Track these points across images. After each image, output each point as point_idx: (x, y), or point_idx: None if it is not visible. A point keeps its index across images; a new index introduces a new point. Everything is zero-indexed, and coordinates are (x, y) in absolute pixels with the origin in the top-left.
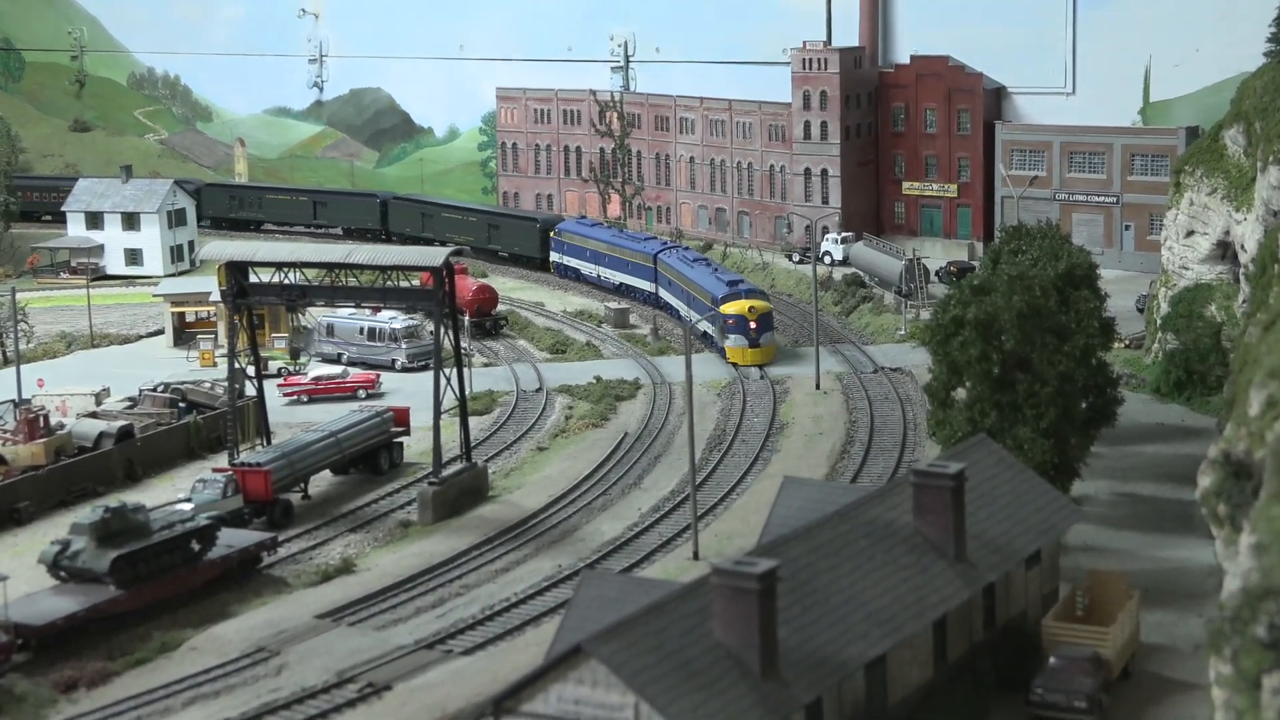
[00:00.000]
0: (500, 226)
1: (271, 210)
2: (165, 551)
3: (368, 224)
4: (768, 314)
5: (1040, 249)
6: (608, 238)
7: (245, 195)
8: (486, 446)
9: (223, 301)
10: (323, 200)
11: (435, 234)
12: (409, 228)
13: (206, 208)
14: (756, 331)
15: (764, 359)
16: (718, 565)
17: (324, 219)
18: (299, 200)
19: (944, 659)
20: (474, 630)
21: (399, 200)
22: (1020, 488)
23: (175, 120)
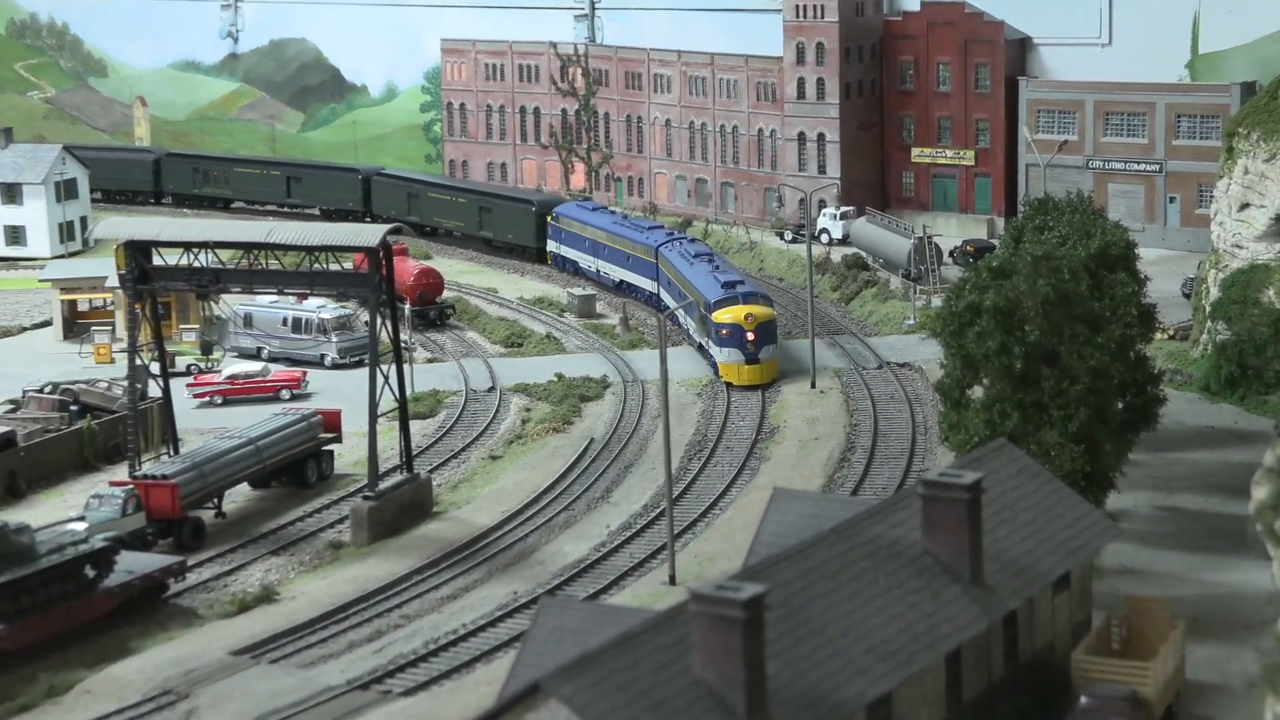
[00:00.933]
0: (492, 210)
1: (240, 186)
2: (54, 579)
3: (348, 204)
4: (769, 323)
5: (1070, 225)
6: (607, 225)
7: (210, 168)
8: (430, 455)
9: (122, 287)
10: (298, 175)
11: (422, 217)
12: (393, 209)
13: (167, 182)
14: (755, 344)
15: (764, 378)
16: (697, 591)
17: (299, 196)
18: (271, 175)
19: (958, 699)
20: (416, 668)
21: (383, 178)
22: (1046, 500)
23: (64, 75)
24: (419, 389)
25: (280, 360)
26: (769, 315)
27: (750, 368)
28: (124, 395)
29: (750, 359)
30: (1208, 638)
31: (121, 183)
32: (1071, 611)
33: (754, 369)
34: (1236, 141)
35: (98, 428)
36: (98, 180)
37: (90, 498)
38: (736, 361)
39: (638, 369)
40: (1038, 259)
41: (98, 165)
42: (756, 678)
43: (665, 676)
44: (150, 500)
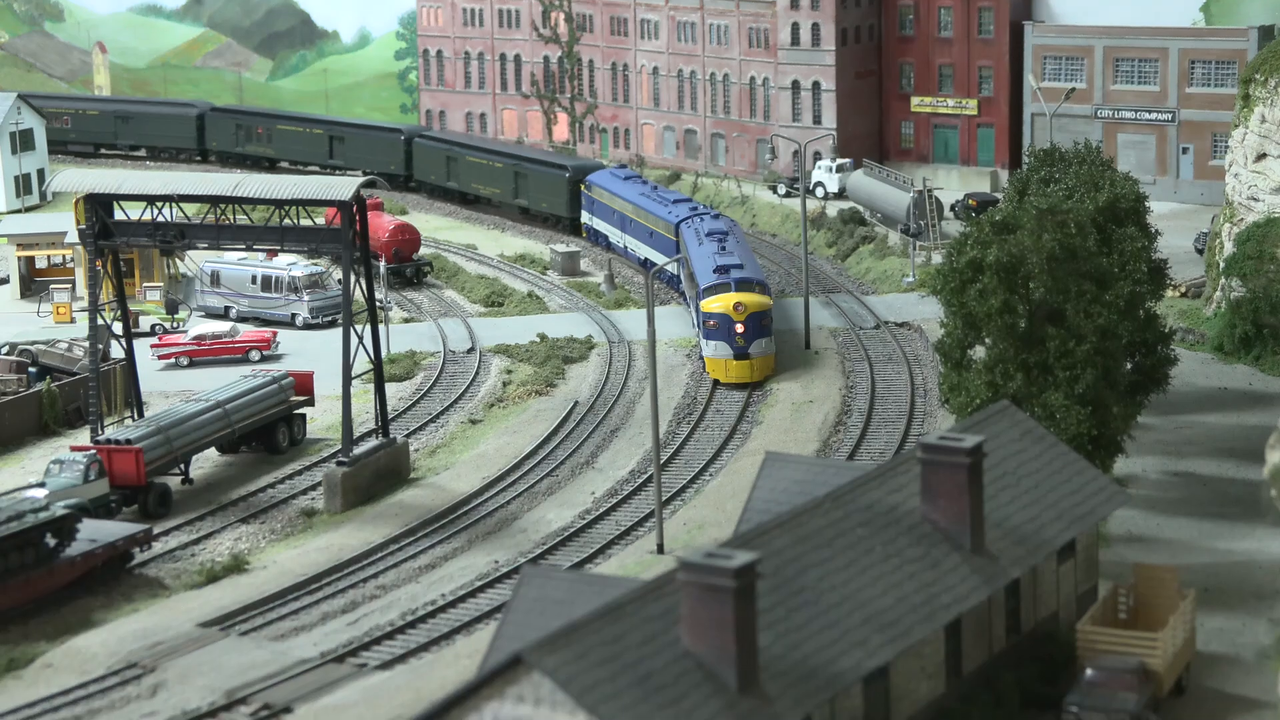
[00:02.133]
0: (527, 176)
1: (283, 145)
2: (12, 548)
3: (390, 166)
4: (763, 313)
5: (1077, 177)
6: (633, 197)
7: (253, 125)
8: (407, 419)
9: (81, 243)
10: (340, 135)
11: (460, 183)
12: (433, 174)
13: (211, 139)
14: (745, 336)
15: (754, 375)
16: (686, 559)
17: (341, 158)
18: (313, 134)
19: (958, 671)
20: (393, 640)
21: (425, 139)
22: (1051, 465)
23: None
24: (395, 350)
25: (249, 320)
26: (763, 305)
27: (738, 363)
28: (85, 356)
29: (739, 353)
30: (1219, 608)
31: (164, 139)
32: (1077, 581)
33: (742, 365)
34: (1253, 89)
35: (58, 390)
36: (139, 136)
37: (50, 463)
38: (724, 356)
39: (624, 329)
40: (1043, 213)
41: (140, 120)
42: (748, 650)
43: (653, 649)
44: (113, 466)
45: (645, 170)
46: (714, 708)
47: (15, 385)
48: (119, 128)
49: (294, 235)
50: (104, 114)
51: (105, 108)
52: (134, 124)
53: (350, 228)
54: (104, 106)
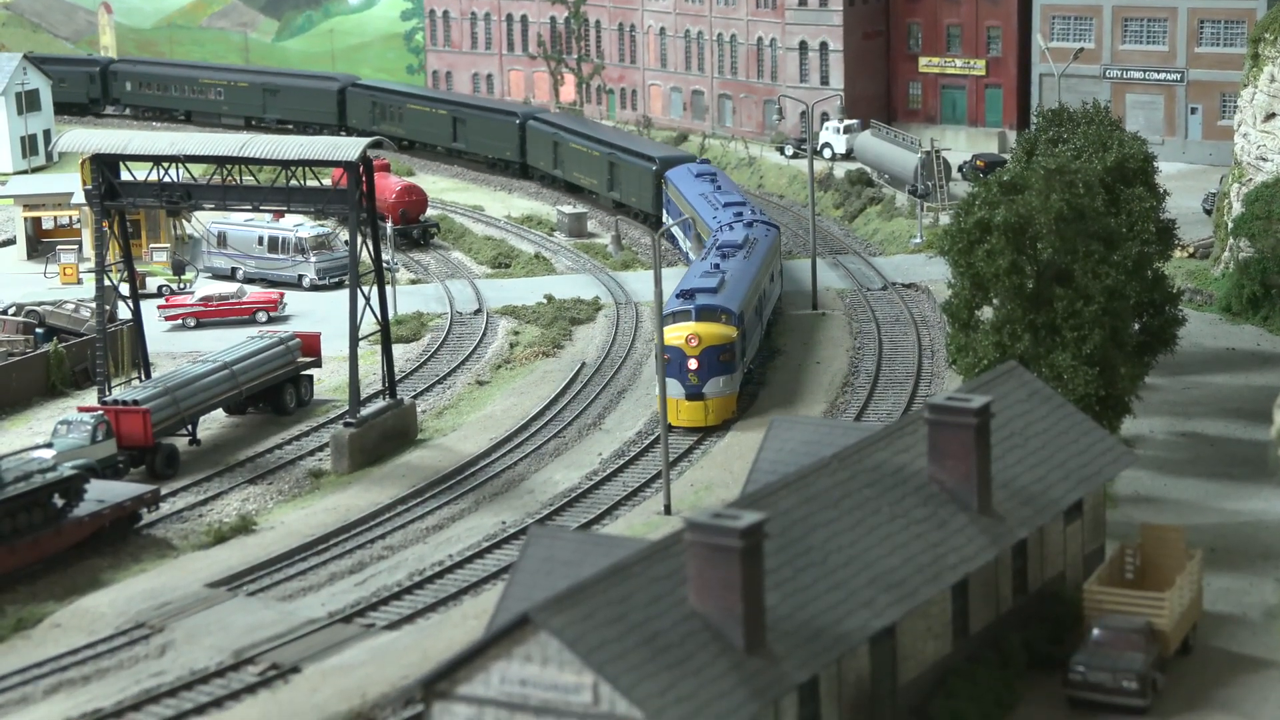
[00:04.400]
0: (619, 167)
1: (413, 125)
2: (21, 509)
3: (505, 152)
4: (724, 347)
5: (1086, 137)
6: (693, 196)
7: (388, 104)
8: (414, 380)
9: (88, 204)
10: (463, 117)
11: (564, 171)
12: (543, 161)
13: (351, 116)
14: (699, 374)
15: (709, 419)
16: (693, 519)
17: (463, 141)
18: (438, 114)
19: (965, 631)
20: (400, 600)
21: (538, 124)
22: (1058, 426)
23: None
24: (402, 311)
25: (256, 281)
26: (724, 337)
27: (690, 404)
28: (92, 317)
29: (691, 393)
30: (1226, 568)
31: (308, 114)
32: (1084, 541)
33: (694, 407)
34: (1262, 48)
35: (65, 351)
36: (285, 110)
37: (58, 424)
38: (675, 395)
39: (631, 290)
40: (1051, 173)
41: (287, 93)
42: (755, 610)
43: (659, 609)
44: (121, 427)
45: (652, 132)
46: (721, 667)
47: (22, 346)
48: (267, 101)
49: (301, 196)
50: (253, 86)
51: (255, 80)
52: (281, 97)
53: (357, 189)
54: (254, 79)
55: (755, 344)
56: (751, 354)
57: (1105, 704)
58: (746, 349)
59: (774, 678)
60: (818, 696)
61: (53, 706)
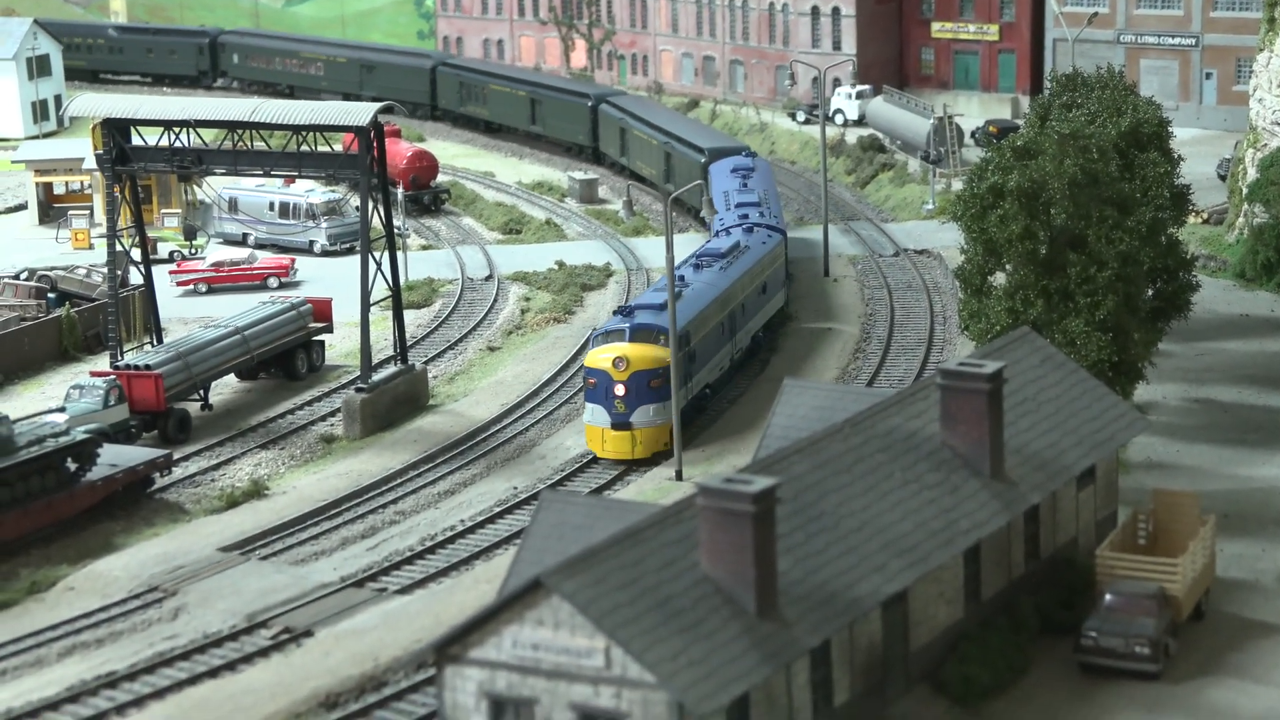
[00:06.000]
0: (672, 157)
1: (495, 107)
2: (34, 472)
3: (578, 136)
4: (653, 371)
5: (1100, 102)
6: (717, 194)
7: (474, 84)
8: (426, 346)
9: (99, 169)
10: (540, 99)
11: (629, 159)
12: (612, 148)
13: (440, 94)
14: (626, 401)
15: (639, 450)
16: (705, 484)
17: (540, 124)
18: (518, 96)
19: (977, 597)
20: (412, 565)
21: (610, 108)
22: (1071, 392)
23: None
24: (413, 277)
25: (267, 247)
26: (655, 361)
27: (616, 434)
28: (104, 282)
29: (617, 422)
30: (1239, 534)
31: (400, 93)
32: (1096, 507)
33: (620, 437)
34: (1278, 12)
35: (77, 316)
36: (379, 88)
37: (70, 388)
38: (600, 424)
39: (642, 256)
40: (1065, 138)
41: (382, 70)
42: (767, 574)
43: (671, 573)
44: (133, 391)
45: (664, 98)
46: (732, 632)
47: (34, 311)
48: (364, 77)
49: (312, 161)
50: (351, 63)
51: (353, 55)
52: (377, 74)
53: (368, 154)
54: (352, 54)
55: (719, 364)
56: (714, 376)
57: (1117, 669)
58: (693, 372)
59: (786, 642)
60: (829, 661)
61: (67, 668)
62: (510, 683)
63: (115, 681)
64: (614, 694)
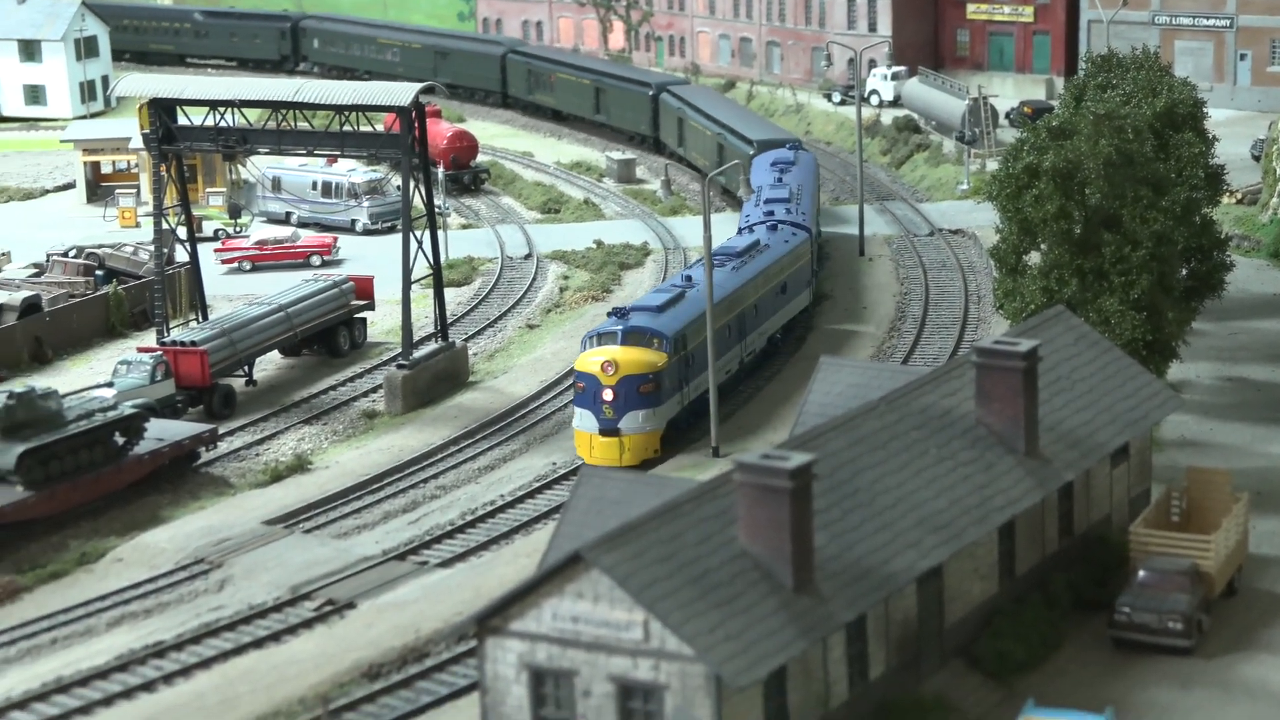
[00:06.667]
0: (723, 149)
1: (562, 95)
2: (83, 446)
3: (639, 126)
4: (644, 376)
5: (1134, 83)
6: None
7: (541, 72)
8: (466, 323)
9: (146, 148)
10: (603, 87)
11: (686, 150)
12: (671, 138)
13: (510, 82)
14: (615, 406)
15: (627, 458)
16: (743, 460)
17: (604, 113)
18: (582, 84)
19: (1011, 573)
20: (452, 539)
21: (670, 97)
22: (1105, 370)
23: None
24: (453, 255)
25: (310, 225)
26: (647, 365)
27: (604, 441)
28: (150, 260)
29: (606, 428)
30: (1271, 511)
31: (472, 79)
32: (1130, 484)
33: (609, 444)
34: None
35: (124, 293)
36: (453, 74)
37: (118, 364)
38: (588, 429)
39: (679, 235)
40: (1100, 118)
41: (455, 58)
42: (803, 549)
43: (709, 548)
44: (179, 367)
45: (700, 78)
46: (769, 606)
47: (83, 288)
48: (438, 64)
49: (354, 141)
50: (425, 49)
51: (428, 42)
52: (450, 61)
53: (409, 133)
54: (427, 41)
55: (725, 367)
56: (719, 380)
57: (1150, 644)
58: (689, 376)
59: (822, 616)
60: (865, 635)
61: (116, 638)
62: (550, 654)
63: (163, 651)
64: (652, 666)
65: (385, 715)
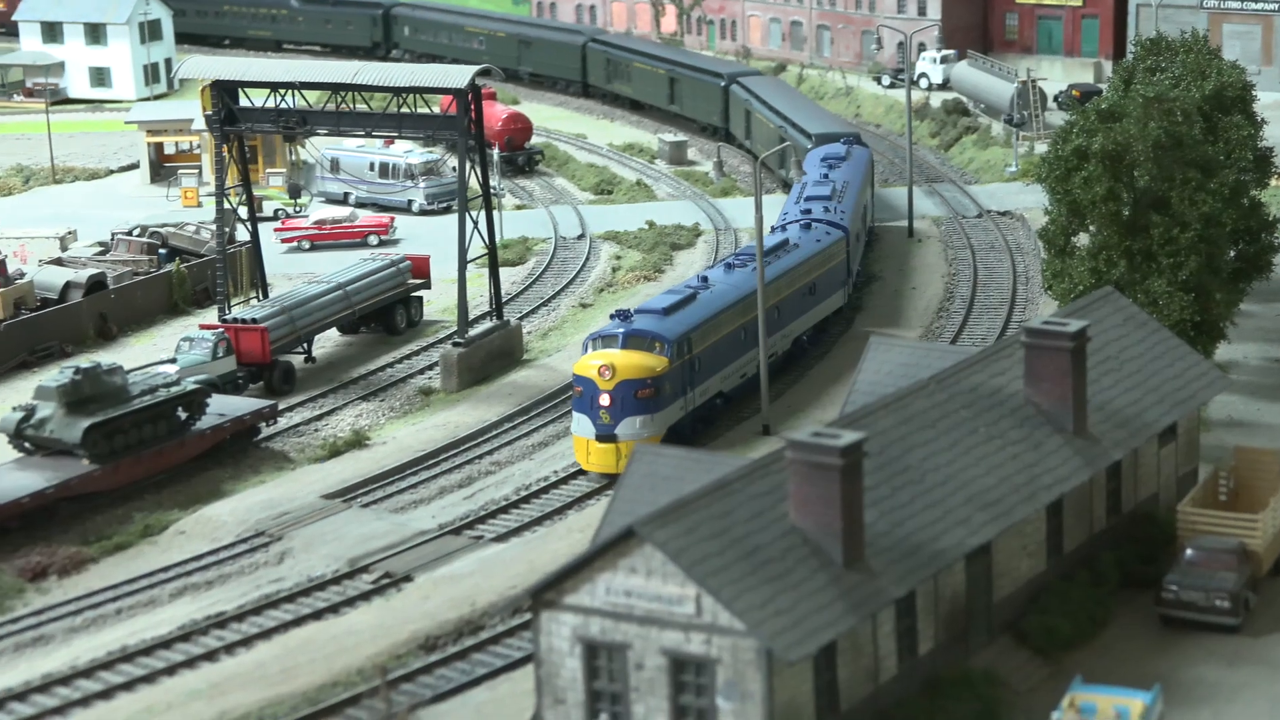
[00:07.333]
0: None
1: (640, 85)
2: (147, 421)
3: (711, 117)
4: (642, 381)
5: (1183, 66)
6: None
7: (619, 62)
8: (520, 302)
9: (208, 129)
10: (677, 77)
11: (753, 143)
12: (740, 129)
13: (590, 71)
14: (612, 412)
15: (621, 465)
16: (794, 438)
17: (677, 104)
18: (657, 74)
19: (1059, 550)
20: (507, 514)
21: (739, 88)
22: (1153, 350)
23: None
24: (508, 236)
25: (367, 206)
26: (645, 369)
27: (601, 447)
28: (212, 239)
29: (602, 434)
30: None
31: (553, 68)
32: (1177, 464)
33: (605, 450)
34: None
35: (186, 271)
36: (535, 63)
37: (181, 341)
38: (585, 435)
39: (730, 216)
40: (1149, 101)
41: (537, 46)
42: (854, 526)
43: (760, 524)
44: (240, 344)
45: (751, 60)
46: (820, 582)
47: (146, 266)
48: (521, 53)
49: (411, 122)
50: (509, 38)
51: (512, 30)
52: (533, 50)
53: (465, 115)
54: (511, 29)
55: (740, 371)
56: (732, 385)
57: (1197, 622)
58: (694, 381)
59: (872, 592)
60: (914, 611)
61: (178, 609)
62: (604, 628)
63: (224, 621)
64: (704, 641)
65: (441, 686)
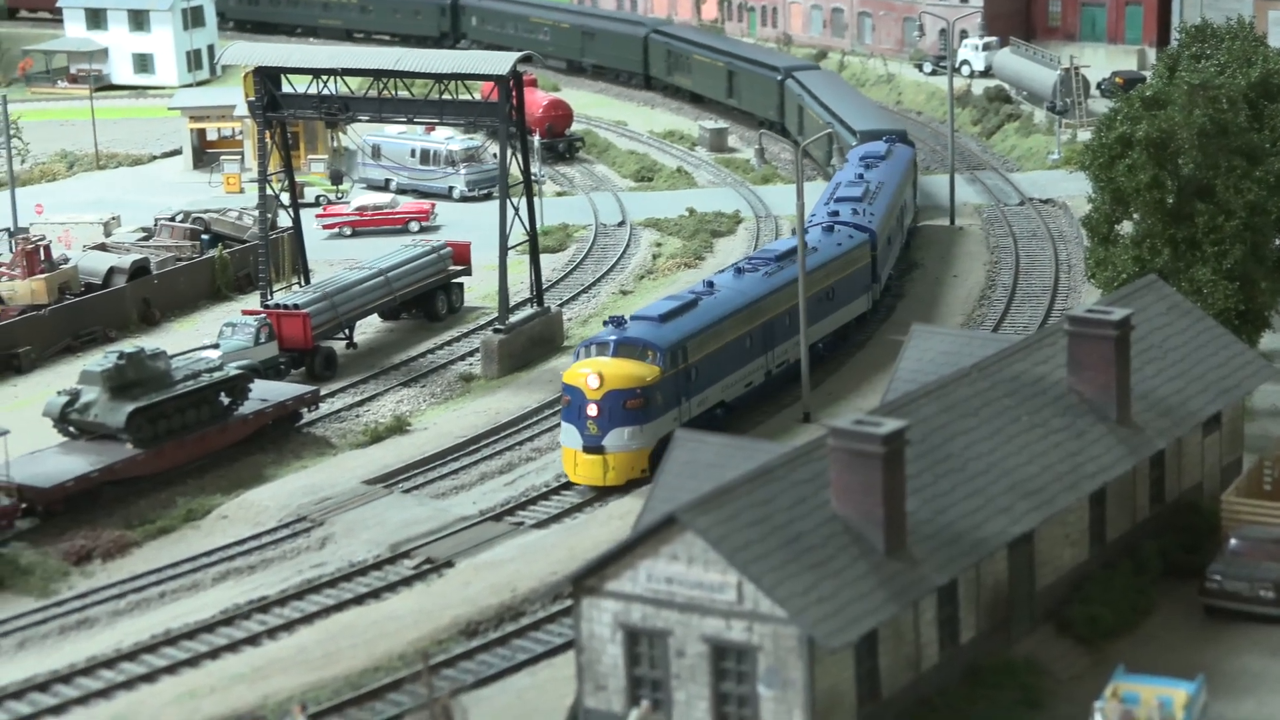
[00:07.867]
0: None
1: (699, 78)
2: (190, 405)
3: (768, 112)
4: (632, 390)
5: (1229, 53)
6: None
7: (680, 54)
8: (560, 289)
9: (251, 115)
10: (735, 70)
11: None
12: (793, 124)
13: (651, 63)
14: (600, 422)
15: (611, 477)
16: (836, 425)
17: (735, 98)
18: (716, 66)
19: (1102, 539)
20: (548, 500)
21: (794, 83)
22: (1197, 339)
23: None
24: (549, 222)
25: (408, 192)
26: (635, 379)
27: (588, 458)
28: (254, 225)
29: (590, 445)
30: None
31: (615, 60)
32: (1221, 453)
33: (592, 461)
34: None
35: (229, 257)
36: (598, 55)
37: (223, 326)
38: (573, 446)
39: (770, 204)
40: (1194, 88)
41: (600, 38)
42: (896, 514)
43: (802, 511)
44: (282, 330)
45: (793, 49)
46: (861, 569)
47: (189, 252)
48: (585, 44)
49: (452, 109)
50: (573, 29)
51: (576, 22)
52: (596, 42)
53: (507, 102)
54: (575, 21)
55: (745, 379)
56: (735, 394)
57: (1241, 612)
58: (690, 391)
59: (914, 580)
60: (956, 599)
61: (221, 593)
62: (645, 614)
63: (266, 606)
64: (745, 628)
65: (483, 672)
